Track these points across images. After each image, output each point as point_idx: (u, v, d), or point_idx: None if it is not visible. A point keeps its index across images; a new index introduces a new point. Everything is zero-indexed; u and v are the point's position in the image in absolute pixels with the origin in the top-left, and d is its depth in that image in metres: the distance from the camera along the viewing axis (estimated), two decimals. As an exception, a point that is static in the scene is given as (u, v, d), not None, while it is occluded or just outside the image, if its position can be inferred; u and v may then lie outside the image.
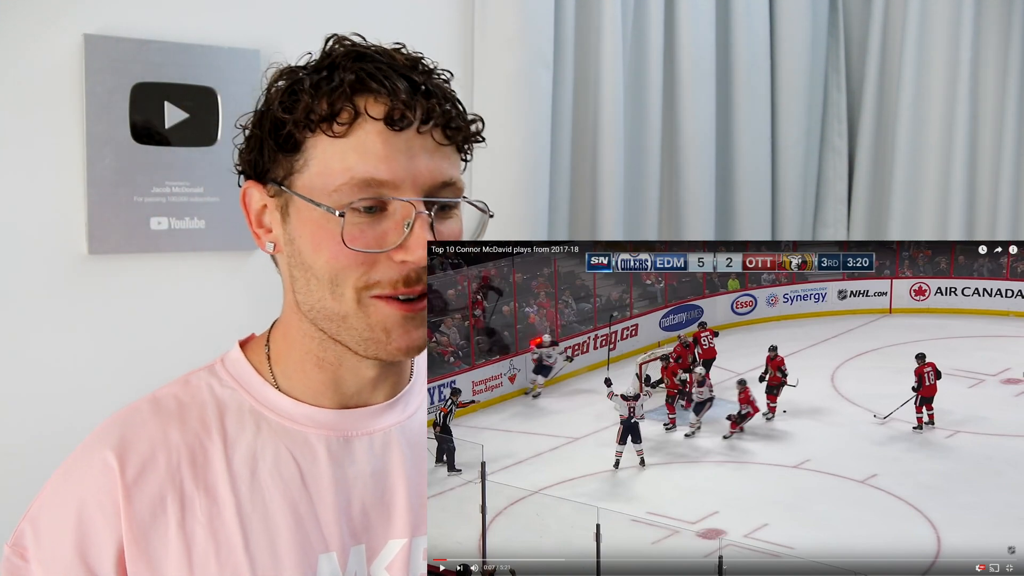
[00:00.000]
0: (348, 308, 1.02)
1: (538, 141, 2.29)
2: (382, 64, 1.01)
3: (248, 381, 1.12)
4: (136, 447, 1.04)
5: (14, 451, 1.83)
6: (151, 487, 1.03)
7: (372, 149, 0.99)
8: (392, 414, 1.14)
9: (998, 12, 2.66)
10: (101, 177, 1.85)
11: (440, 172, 1.02)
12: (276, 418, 1.10)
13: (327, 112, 0.99)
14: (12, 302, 1.82)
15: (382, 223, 1.00)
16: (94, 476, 1.04)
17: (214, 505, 1.04)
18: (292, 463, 1.08)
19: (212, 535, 1.03)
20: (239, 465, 1.06)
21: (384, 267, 1.00)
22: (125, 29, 1.86)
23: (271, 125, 1.03)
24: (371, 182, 0.99)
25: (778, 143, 2.79)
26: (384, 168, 0.99)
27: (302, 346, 1.10)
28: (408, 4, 2.18)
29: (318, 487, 1.07)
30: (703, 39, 2.57)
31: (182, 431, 1.06)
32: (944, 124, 2.73)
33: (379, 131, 0.99)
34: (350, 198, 0.99)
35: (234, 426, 1.08)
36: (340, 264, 1.00)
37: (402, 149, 0.99)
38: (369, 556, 1.09)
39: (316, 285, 1.03)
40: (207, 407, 1.09)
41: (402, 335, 1.03)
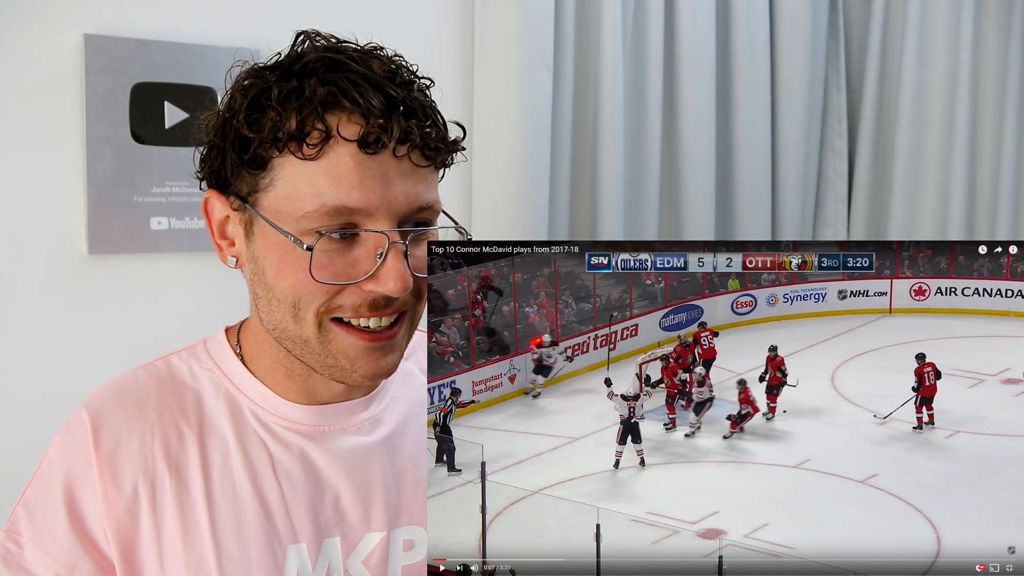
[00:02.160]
0: (309, 332, 0.99)
1: (538, 141, 2.29)
2: (357, 77, 0.94)
3: (227, 364, 1.11)
4: (111, 424, 1.04)
5: (14, 451, 1.82)
6: (124, 466, 1.03)
7: (345, 175, 0.92)
8: (369, 409, 1.12)
9: (998, 12, 2.67)
10: (101, 177, 1.85)
11: (416, 197, 0.96)
12: (252, 406, 1.08)
13: (295, 131, 0.92)
14: (12, 302, 1.82)
15: (353, 250, 0.95)
16: (74, 447, 1.04)
17: (184, 488, 1.03)
18: (265, 453, 1.07)
19: (181, 518, 1.03)
20: (212, 451, 1.05)
21: (350, 294, 0.96)
22: (125, 29, 1.86)
23: (235, 138, 0.96)
24: (343, 210, 0.93)
25: (778, 143, 2.79)
26: (357, 195, 0.92)
27: (271, 356, 1.07)
28: (408, 4, 2.18)
29: (289, 478, 1.06)
30: (703, 39, 2.57)
31: (158, 411, 1.06)
32: (944, 124, 2.74)
33: (352, 154, 0.92)
34: (319, 224, 0.93)
35: (211, 410, 1.07)
36: (304, 291, 0.96)
37: (376, 174, 0.93)
38: (345, 549, 1.08)
39: (277, 307, 0.99)
40: (186, 389, 1.08)
41: (367, 364, 1.00)
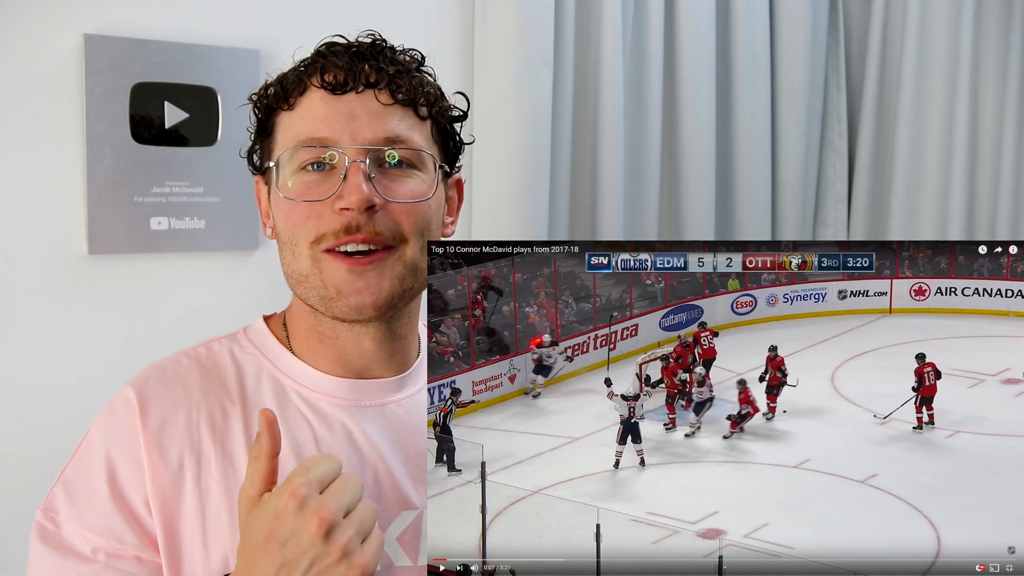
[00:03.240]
0: (305, 266, 1.07)
1: (538, 141, 2.29)
2: (338, 48, 1.09)
3: (269, 348, 1.16)
4: (157, 402, 1.08)
5: (14, 450, 1.83)
6: (170, 441, 1.06)
7: (315, 112, 1.06)
8: (403, 390, 1.17)
9: (998, 12, 2.66)
10: (101, 177, 1.85)
11: (384, 129, 1.06)
12: (293, 384, 1.13)
13: (281, 91, 1.09)
14: (12, 302, 1.82)
15: (328, 180, 1.05)
16: (118, 424, 1.07)
17: (230, 465, 1.06)
18: (307, 428, 1.10)
19: (226, 493, 1.05)
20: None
21: (328, 219, 1.05)
22: (125, 29, 1.86)
23: (257, 120, 1.13)
24: (312, 140, 1.06)
25: (778, 143, 2.79)
26: (323, 127, 1.06)
27: (304, 322, 1.14)
28: (408, 4, 2.18)
29: (331, 451, 1.09)
30: (703, 39, 2.57)
31: (203, 391, 1.10)
32: (944, 124, 2.73)
33: (321, 96, 1.07)
34: (297, 159, 1.07)
35: (253, 390, 1.12)
36: (292, 221, 1.06)
37: (343, 111, 1.06)
38: (382, 525, 1.09)
39: (284, 250, 1.09)
40: (228, 371, 1.13)
41: (351, 292, 1.06)
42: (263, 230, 1.17)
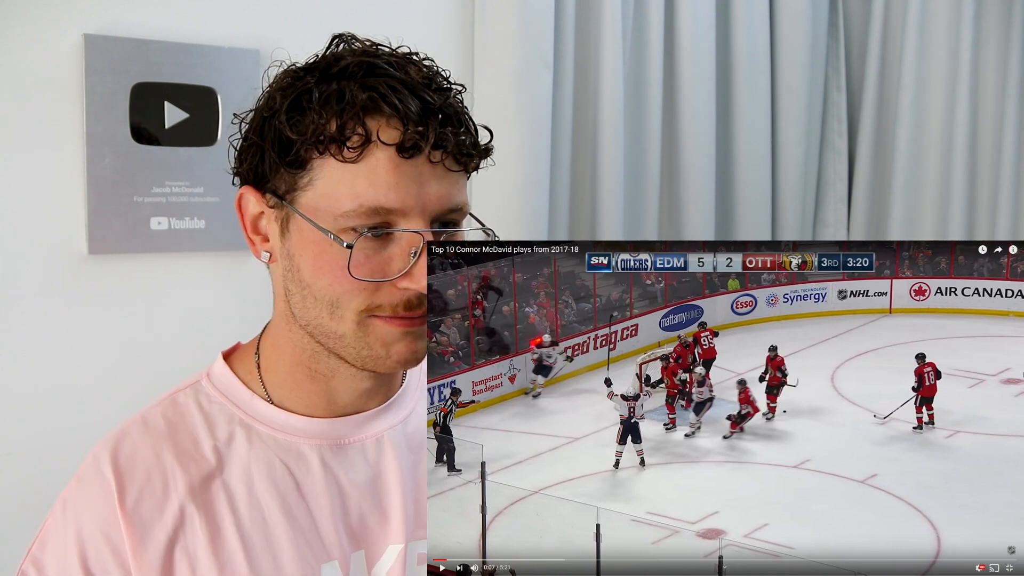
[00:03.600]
0: (347, 329, 1.01)
1: (538, 141, 2.29)
2: (395, 82, 0.97)
3: (236, 394, 1.10)
4: (132, 473, 1.03)
5: (14, 451, 1.83)
6: (150, 511, 1.02)
7: (383, 177, 0.96)
8: (385, 419, 1.13)
9: (998, 12, 2.66)
10: (101, 177, 1.85)
11: (449, 199, 1.00)
12: (267, 430, 1.08)
13: (336, 133, 0.96)
14: (12, 302, 1.82)
15: (388, 248, 0.99)
16: (91, 501, 1.02)
17: (213, 524, 1.03)
18: (287, 474, 1.07)
19: (214, 554, 1.02)
20: (235, 482, 1.05)
21: (387, 292, 0.99)
22: (125, 29, 1.86)
23: (276, 137, 0.99)
24: (380, 210, 0.97)
25: (778, 143, 2.79)
26: (394, 196, 0.96)
27: (292, 356, 1.08)
28: (408, 4, 2.18)
29: (315, 496, 1.07)
30: (703, 39, 2.57)
31: (175, 452, 1.05)
32: (944, 124, 2.74)
33: (390, 157, 0.96)
34: (356, 223, 0.97)
35: (225, 443, 1.07)
36: (342, 288, 0.99)
37: (412, 176, 0.97)
38: (369, 561, 1.09)
39: (314, 304, 1.01)
40: (197, 426, 1.07)
41: (403, 348, 1.02)
42: (253, 251, 1.07)
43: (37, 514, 1.10)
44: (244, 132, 1.05)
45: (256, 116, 1.03)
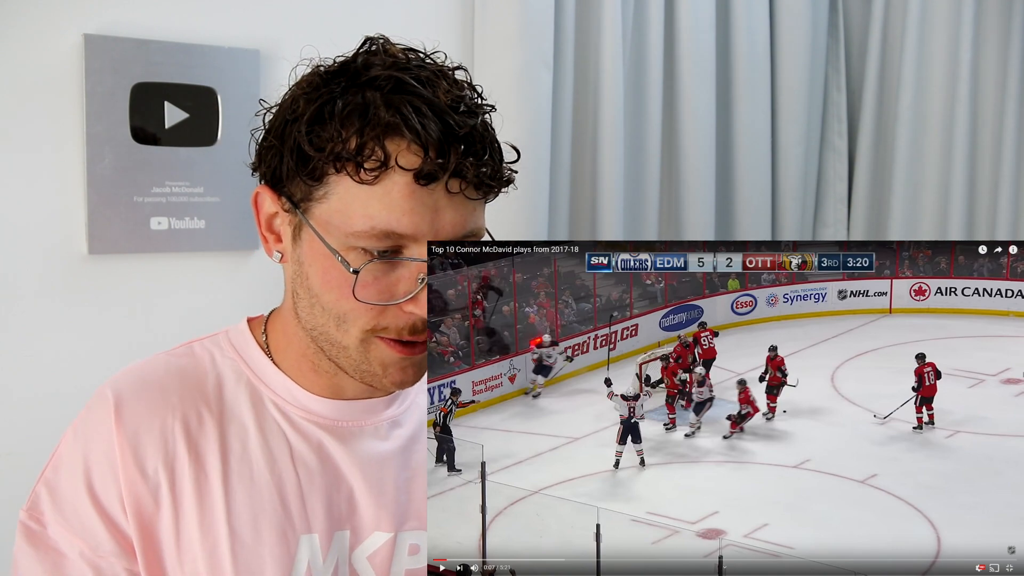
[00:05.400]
0: (351, 342, 1.02)
1: (538, 141, 2.29)
2: (421, 103, 0.95)
3: (249, 354, 1.12)
4: (134, 406, 1.05)
5: (14, 451, 1.82)
6: (145, 448, 1.03)
7: (397, 202, 0.95)
8: (390, 409, 1.14)
9: (998, 12, 2.66)
10: (101, 177, 1.85)
11: (463, 226, 0.99)
12: (271, 395, 1.10)
13: (354, 153, 0.94)
14: (12, 302, 1.82)
15: (396, 271, 0.98)
16: (95, 427, 1.05)
17: (202, 472, 1.04)
18: (284, 442, 1.08)
19: (198, 501, 1.03)
20: (231, 436, 1.06)
21: (392, 315, 0.99)
22: (125, 29, 1.86)
23: (295, 146, 0.98)
24: (391, 234, 0.96)
25: (778, 143, 2.79)
26: (407, 222, 0.95)
27: (299, 349, 1.10)
28: (408, 4, 2.18)
29: (307, 468, 1.07)
30: (703, 39, 2.57)
31: (180, 396, 1.07)
32: (944, 124, 2.73)
33: (407, 183, 0.94)
34: (366, 244, 0.97)
35: (231, 397, 1.09)
36: (349, 306, 0.99)
37: (428, 204, 0.96)
38: (352, 543, 1.09)
39: (321, 312, 1.02)
40: (207, 376, 1.09)
41: (397, 372, 1.03)
42: (266, 248, 1.08)
43: (37, 514, 1.10)
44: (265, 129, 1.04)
45: (278, 117, 1.02)
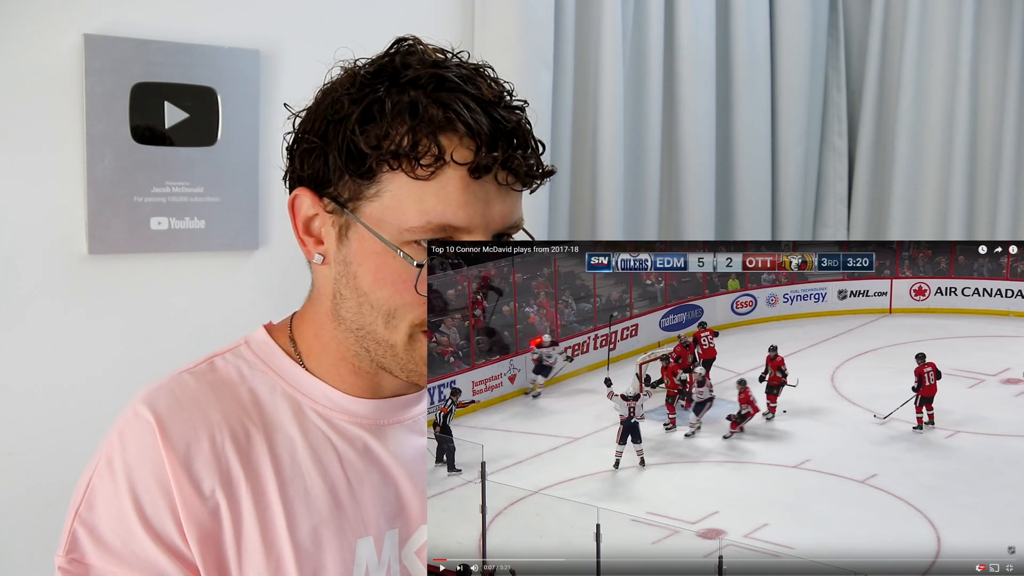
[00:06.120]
0: (398, 339, 1.03)
1: (538, 141, 2.29)
2: (469, 99, 0.98)
3: (279, 364, 1.11)
4: (177, 425, 1.01)
5: (14, 450, 1.83)
6: (200, 468, 1.00)
7: (452, 195, 0.98)
8: (421, 403, 1.17)
9: (998, 12, 2.67)
10: (101, 177, 1.85)
11: (511, 216, 1.04)
12: (310, 403, 1.09)
13: (408, 149, 0.97)
14: (12, 302, 1.82)
15: None
16: (138, 448, 1.00)
17: (259, 487, 1.03)
18: (331, 448, 1.08)
19: (259, 518, 1.02)
20: (280, 449, 1.05)
21: None
22: (125, 29, 1.86)
23: (345, 145, 0.99)
24: (446, 227, 0.99)
25: (778, 143, 2.79)
26: (462, 215, 0.99)
27: (337, 352, 1.10)
28: (408, 4, 2.18)
29: (356, 471, 1.08)
30: (703, 39, 2.57)
31: (222, 412, 1.04)
32: (944, 124, 2.73)
33: (461, 176, 0.98)
34: (421, 238, 0.99)
35: (271, 409, 1.07)
36: (402, 300, 1.01)
37: (480, 196, 1.00)
38: (401, 540, 1.10)
39: (369, 311, 1.03)
40: (239, 390, 1.07)
41: None
42: (306, 252, 1.08)
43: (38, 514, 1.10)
44: (299, 132, 1.04)
45: (319, 118, 1.02)
